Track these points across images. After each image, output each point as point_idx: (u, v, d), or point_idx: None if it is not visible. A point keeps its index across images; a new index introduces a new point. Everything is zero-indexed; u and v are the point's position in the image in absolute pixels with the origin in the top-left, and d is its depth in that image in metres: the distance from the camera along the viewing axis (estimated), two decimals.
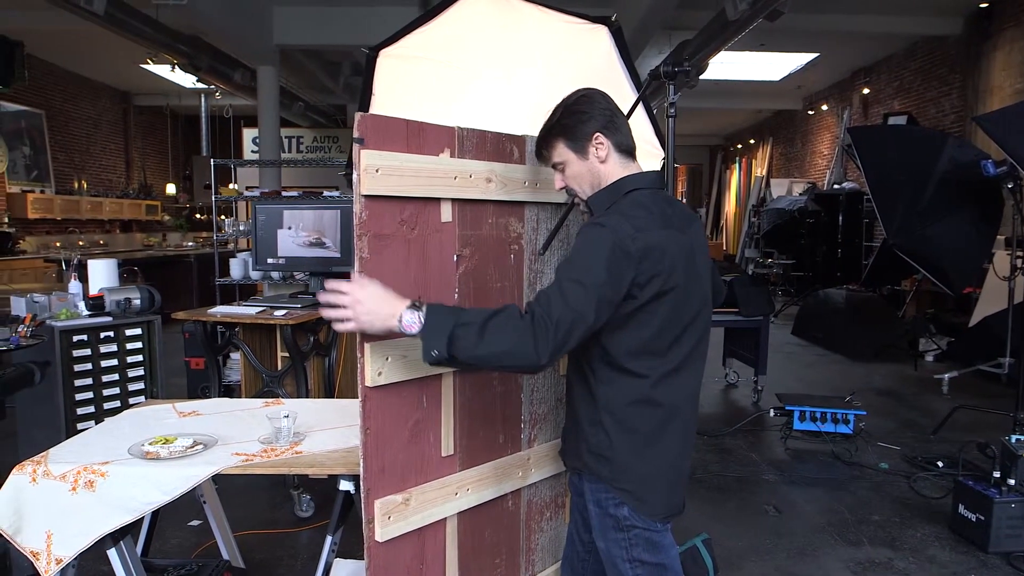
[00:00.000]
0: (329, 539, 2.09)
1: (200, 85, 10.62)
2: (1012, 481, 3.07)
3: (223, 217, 6.33)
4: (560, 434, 1.90)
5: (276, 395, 3.40)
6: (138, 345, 3.49)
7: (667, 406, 1.59)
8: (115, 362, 3.40)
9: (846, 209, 9.97)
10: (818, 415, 4.29)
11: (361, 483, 1.60)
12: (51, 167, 10.82)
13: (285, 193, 6.95)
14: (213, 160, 5.43)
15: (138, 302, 3.49)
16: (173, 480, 1.81)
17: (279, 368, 3.59)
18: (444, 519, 1.79)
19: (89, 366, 3.31)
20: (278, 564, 2.95)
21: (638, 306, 1.50)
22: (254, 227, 3.66)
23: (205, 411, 2.38)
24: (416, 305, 1.45)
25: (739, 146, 17.57)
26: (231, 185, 8.37)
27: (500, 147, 1.86)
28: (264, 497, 3.60)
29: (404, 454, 1.67)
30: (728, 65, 10.11)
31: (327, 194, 8.28)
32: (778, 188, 13.20)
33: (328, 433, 2.13)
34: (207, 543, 2.93)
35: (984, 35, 8.28)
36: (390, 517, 1.63)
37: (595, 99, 1.64)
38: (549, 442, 2.06)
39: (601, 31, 2.85)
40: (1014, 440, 3.14)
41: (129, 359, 3.46)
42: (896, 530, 3.34)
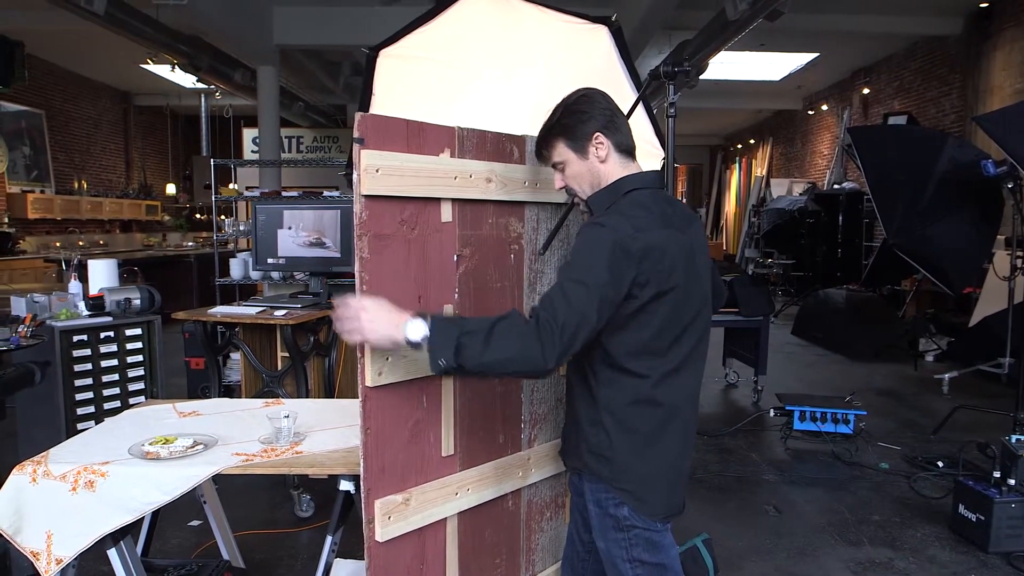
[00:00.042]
0: (329, 539, 2.09)
1: (200, 85, 10.62)
2: (1012, 481, 3.07)
3: (223, 217, 6.33)
4: (560, 434, 1.90)
5: (276, 395, 3.40)
6: (138, 345, 3.49)
7: (667, 406, 1.59)
8: (115, 362, 3.40)
9: (846, 209, 9.97)
10: (818, 415, 4.29)
11: (361, 483, 1.60)
12: (51, 167, 10.82)
13: (285, 193, 6.96)
14: (213, 160, 5.43)
15: (138, 302, 3.50)
16: (173, 480, 1.81)
17: (279, 368, 3.59)
18: (444, 519, 1.79)
19: (89, 366, 3.31)
20: (278, 564, 2.95)
21: (639, 306, 1.50)
22: (254, 227, 3.66)
23: (205, 411, 2.38)
24: (420, 316, 1.46)
25: (739, 146, 17.57)
26: (231, 185, 8.37)
27: (500, 147, 1.86)
28: (264, 497, 3.60)
29: (404, 454, 1.67)
30: (728, 65, 10.11)
31: (327, 194, 8.27)
32: (778, 188, 13.20)
33: (328, 433, 2.13)
34: (207, 543, 2.93)
35: (984, 35, 8.28)
36: (390, 517, 1.63)
37: (595, 99, 1.64)
38: (549, 442, 2.06)
39: (601, 31, 2.86)
40: (1014, 440, 3.14)
41: (129, 359, 3.46)
42: (896, 530, 3.34)
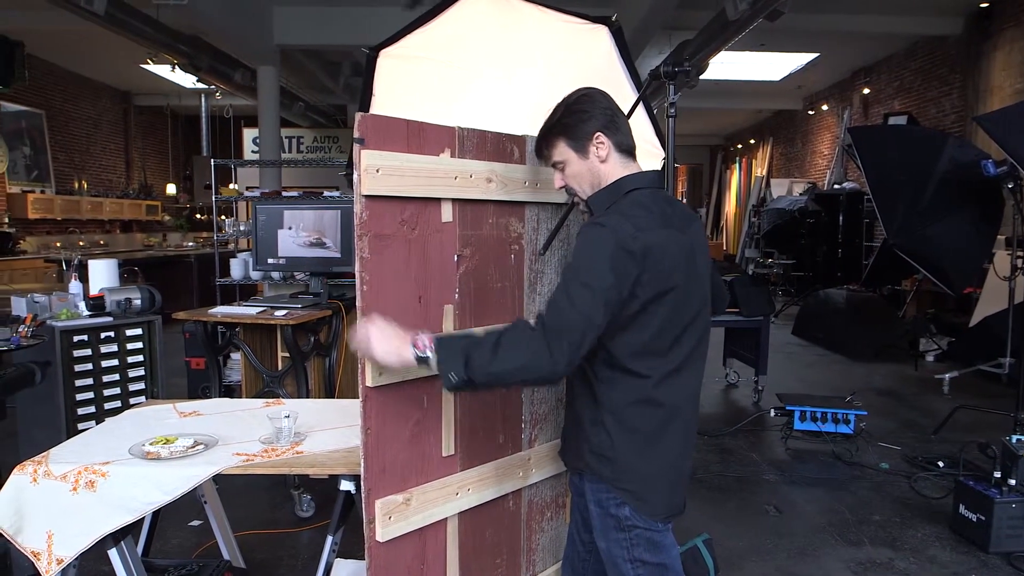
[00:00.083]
0: (330, 539, 2.09)
1: (200, 85, 10.62)
2: (1013, 481, 3.07)
3: (223, 217, 6.33)
4: (560, 434, 1.90)
5: (277, 395, 3.40)
6: (139, 345, 3.50)
7: (669, 406, 1.59)
8: (116, 362, 3.40)
9: (846, 209, 9.97)
10: (819, 415, 4.29)
11: (362, 483, 1.60)
12: (51, 167, 10.82)
13: (285, 193, 6.95)
14: (213, 160, 5.43)
15: (138, 302, 3.50)
16: (174, 480, 1.81)
17: (280, 368, 3.59)
18: (445, 519, 1.79)
19: (90, 366, 3.31)
20: (279, 564, 2.95)
21: (640, 306, 1.50)
22: (254, 227, 3.66)
23: (206, 411, 2.38)
24: (426, 333, 1.49)
25: (739, 146, 17.57)
26: (231, 185, 8.38)
27: (500, 147, 1.86)
28: (265, 497, 3.60)
29: (405, 454, 1.67)
30: (728, 65, 10.10)
31: (327, 194, 8.28)
32: (778, 188, 13.20)
33: (329, 433, 2.13)
34: (208, 543, 2.93)
35: (984, 35, 8.28)
36: (391, 517, 1.63)
37: (596, 98, 1.64)
38: (550, 442, 2.06)
39: (601, 31, 2.86)
40: (1015, 440, 3.14)
41: (130, 359, 3.46)
42: (897, 530, 3.34)
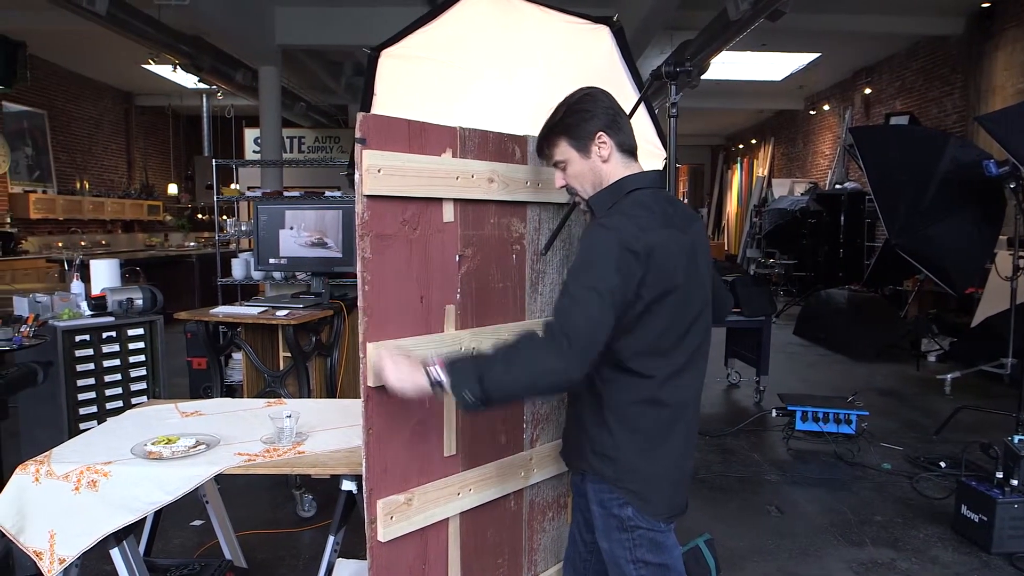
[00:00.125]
0: (331, 539, 2.10)
1: (202, 85, 10.63)
2: (1015, 482, 3.07)
3: (225, 217, 6.34)
4: (562, 434, 1.90)
5: (278, 395, 3.40)
6: (140, 345, 3.50)
7: (673, 406, 1.59)
8: (117, 362, 3.41)
9: (848, 209, 9.96)
10: (820, 415, 4.28)
11: (363, 483, 1.60)
12: (53, 167, 10.84)
13: (287, 193, 6.95)
14: (215, 160, 5.43)
15: (140, 302, 3.50)
16: (176, 480, 1.82)
17: (281, 368, 3.59)
18: (446, 519, 1.79)
19: (91, 366, 3.32)
20: (280, 564, 2.95)
21: (644, 307, 1.50)
22: (256, 227, 3.66)
23: (207, 411, 2.38)
24: (437, 358, 1.50)
25: (741, 146, 17.56)
26: (233, 185, 8.40)
27: (502, 147, 1.86)
28: (266, 497, 3.61)
29: (406, 454, 1.67)
30: (730, 65, 10.09)
31: (329, 194, 8.28)
32: (780, 188, 13.20)
33: (330, 433, 2.13)
34: (209, 543, 2.94)
35: (986, 35, 8.27)
36: (392, 517, 1.63)
37: (598, 98, 1.64)
38: (551, 442, 2.06)
39: (603, 31, 2.85)
40: (1017, 440, 3.13)
41: (131, 359, 3.47)
42: (899, 531, 3.34)
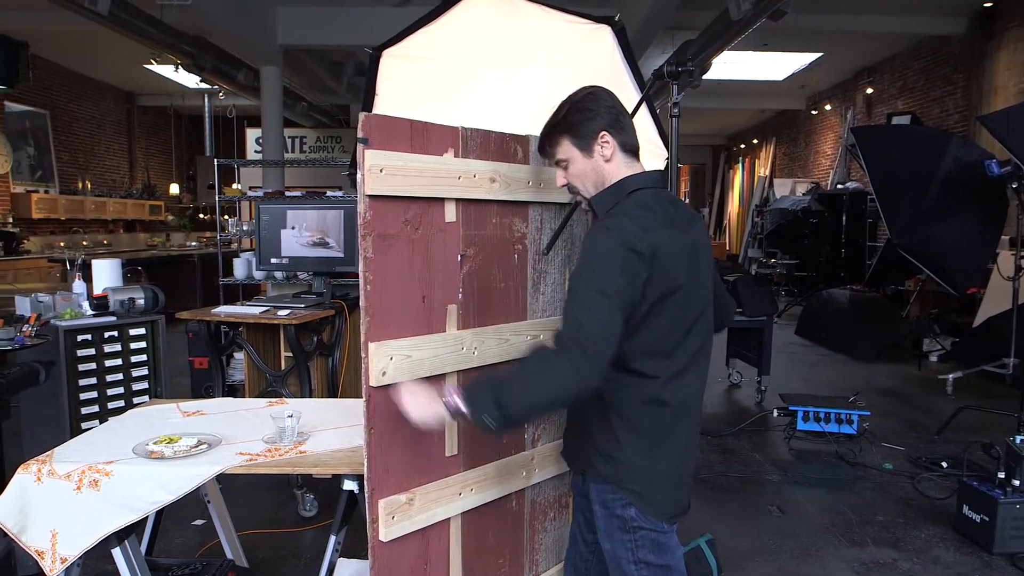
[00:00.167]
0: (333, 539, 2.10)
1: (204, 85, 10.65)
2: (1017, 482, 3.07)
3: (227, 217, 6.35)
4: (562, 434, 1.89)
5: (280, 395, 3.40)
6: (142, 345, 3.50)
7: (676, 406, 1.59)
8: (119, 362, 3.41)
9: (850, 209, 9.95)
10: (822, 415, 4.28)
11: (365, 483, 1.60)
12: (55, 167, 10.85)
13: (288, 193, 6.96)
14: (217, 160, 5.44)
15: (142, 302, 3.50)
16: (177, 479, 1.82)
17: (283, 368, 3.59)
18: (448, 519, 1.79)
19: (93, 366, 3.32)
20: (282, 564, 2.95)
21: (648, 307, 1.50)
22: (257, 227, 3.66)
23: (209, 411, 2.38)
24: (452, 387, 1.51)
25: (742, 146, 17.55)
26: (234, 185, 8.37)
27: (504, 147, 1.86)
28: (268, 497, 3.61)
29: (408, 454, 1.67)
30: (731, 65, 10.09)
31: (330, 194, 8.28)
32: (781, 188, 13.19)
33: (332, 433, 2.13)
34: (211, 542, 2.94)
35: (988, 34, 8.26)
36: (394, 517, 1.64)
37: (601, 97, 1.63)
38: (553, 442, 2.06)
39: (604, 31, 2.85)
40: (1019, 440, 3.13)
41: (133, 359, 3.47)
42: (900, 531, 3.33)
